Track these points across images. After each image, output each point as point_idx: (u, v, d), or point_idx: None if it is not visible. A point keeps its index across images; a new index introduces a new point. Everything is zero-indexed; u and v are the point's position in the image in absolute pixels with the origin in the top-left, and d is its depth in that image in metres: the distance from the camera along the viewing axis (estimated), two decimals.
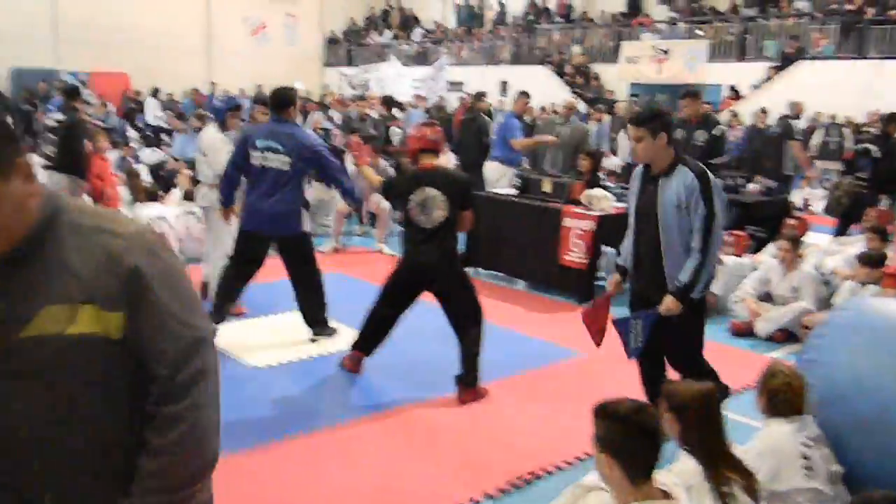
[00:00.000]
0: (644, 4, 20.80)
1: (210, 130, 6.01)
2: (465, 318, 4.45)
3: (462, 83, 18.21)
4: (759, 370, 3.10)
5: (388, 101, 11.74)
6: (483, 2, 24.32)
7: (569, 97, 14.81)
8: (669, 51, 17.60)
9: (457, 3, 24.91)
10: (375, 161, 8.36)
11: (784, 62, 16.40)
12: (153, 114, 15.25)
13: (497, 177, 8.43)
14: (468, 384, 4.42)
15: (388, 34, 24.76)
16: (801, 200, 11.15)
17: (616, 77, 18.91)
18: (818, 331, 3.47)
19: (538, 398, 4.54)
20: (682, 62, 17.28)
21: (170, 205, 7.87)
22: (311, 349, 5.19)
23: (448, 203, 4.33)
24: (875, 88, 14.14)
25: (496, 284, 7.12)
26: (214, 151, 5.71)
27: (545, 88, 17.38)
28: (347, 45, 24.98)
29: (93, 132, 7.79)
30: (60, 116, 7.42)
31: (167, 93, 17.97)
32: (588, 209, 6.51)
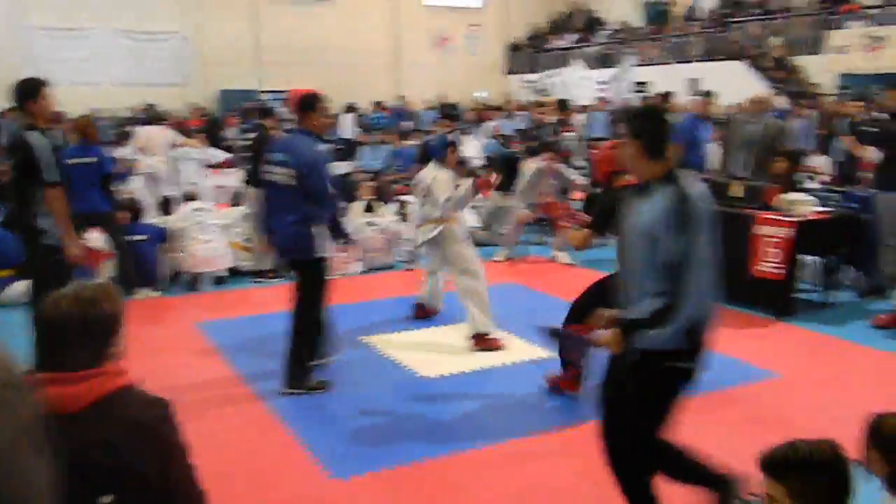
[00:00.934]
0: None
1: (431, 169, 5.70)
2: None
3: (646, 83, 17.49)
4: None
5: (562, 105, 11.54)
6: None
7: (768, 92, 13.70)
8: (885, 37, 15.91)
9: (646, 1, 24.08)
10: (557, 168, 8.19)
11: None
12: (350, 129, 15.93)
13: None
14: None
15: (572, 38, 24.42)
16: None
17: (820, 68, 17.33)
18: None
19: (723, 421, 4.14)
20: None
21: (353, 217, 8.17)
22: (479, 361, 5.10)
23: None
24: None
25: None
26: (439, 188, 5.49)
27: (741, 84, 16.25)
28: (530, 52, 24.94)
29: None
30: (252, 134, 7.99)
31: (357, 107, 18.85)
32: (785, 215, 5.92)
